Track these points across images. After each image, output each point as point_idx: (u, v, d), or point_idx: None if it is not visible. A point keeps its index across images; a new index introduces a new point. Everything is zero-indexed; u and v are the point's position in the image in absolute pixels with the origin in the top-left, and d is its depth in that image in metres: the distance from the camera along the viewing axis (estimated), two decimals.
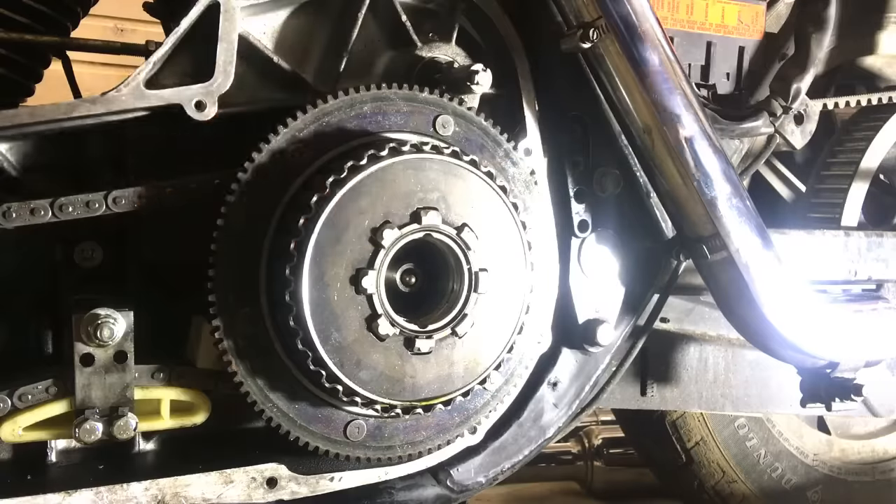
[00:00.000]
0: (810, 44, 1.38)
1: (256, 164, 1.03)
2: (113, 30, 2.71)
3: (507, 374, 1.21)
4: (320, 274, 0.99)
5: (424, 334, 1.06)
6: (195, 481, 1.08)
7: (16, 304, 1.13)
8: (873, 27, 1.63)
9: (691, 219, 1.27)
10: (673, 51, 1.23)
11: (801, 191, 1.75)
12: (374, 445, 1.14)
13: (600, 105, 1.30)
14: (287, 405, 1.08)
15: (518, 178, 1.20)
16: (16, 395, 1.00)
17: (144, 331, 1.07)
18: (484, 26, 1.27)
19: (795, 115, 1.43)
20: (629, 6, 1.19)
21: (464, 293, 1.08)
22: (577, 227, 1.31)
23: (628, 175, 1.34)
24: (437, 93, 1.13)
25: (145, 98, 1.03)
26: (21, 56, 1.14)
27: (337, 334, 1.01)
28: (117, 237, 1.15)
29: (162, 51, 1.04)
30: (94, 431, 1.00)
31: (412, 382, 1.06)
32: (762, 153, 1.52)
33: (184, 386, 1.09)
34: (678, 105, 1.21)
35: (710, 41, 1.43)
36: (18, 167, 1.09)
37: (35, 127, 1.01)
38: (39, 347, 1.14)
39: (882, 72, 1.75)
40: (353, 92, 1.08)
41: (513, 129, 1.26)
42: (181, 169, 1.10)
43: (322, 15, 1.18)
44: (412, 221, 1.04)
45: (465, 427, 1.20)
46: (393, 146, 1.03)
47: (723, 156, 1.25)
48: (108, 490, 1.03)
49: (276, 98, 1.14)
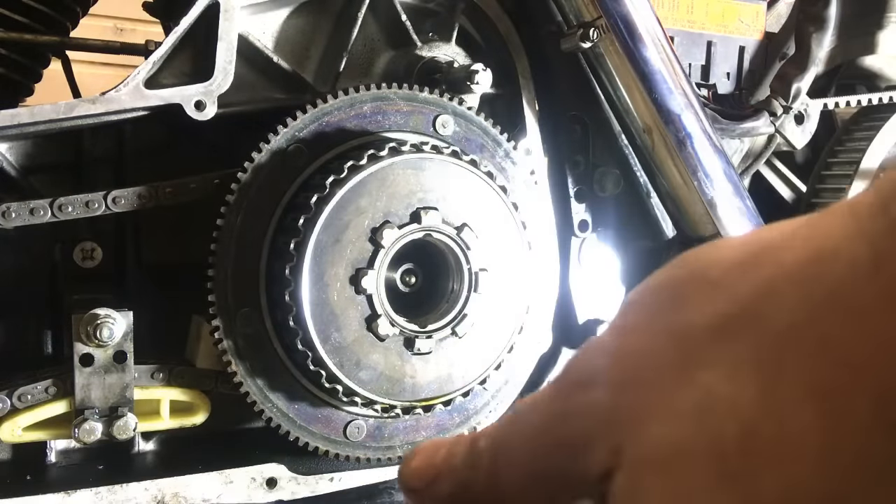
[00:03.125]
0: (810, 43, 1.38)
1: (256, 164, 1.03)
2: (112, 30, 2.70)
3: (507, 374, 1.21)
4: (320, 274, 0.99)
5: (424, 334, 1.06)
6: (195, 481, 1.08)
7: (15, 304, 1.13)
8: (873, 27, 1.63)
9: (692, 219, 1.27)
10: (673, 51, 1.23)
11: (802, 191, 1.75)
12: (373, 446, 1.14)
13: (600, 105, 1.30)
14: (287, 405, 1.07)
15: (518, 177, 1.20)
16: (15, 395, 1.00)
17: (144, 331, 1.07)
18: (484, 26, 1.27)
19: (796, 114, 1.43)
20: (629, 6, 1.19)
21: (464, 293, 1.08)
22: (577, 227, 1.31)
23: (628, 175, 1.34)
24: (437, 92, 1.13)
25: (145, 98, 1.03)
26: (20, 56, 1.14)
27: (337, 334, 1.01)
28: (117, 237, 1.15)
29: (161, 51, 1.04)
30: (93, 432, 0.99)
31: (412, 382, 1.06)
32: (762, 153, 1.52)
33: (183, 386, 1.09)
34: (678, 105, 1.21)
35: (711, 41, 1.43)
36: (18, 167, 1.09)
37: (35, 127, 1.01)
38: (39, 347, 1.14)
39: (882, 72, 1.75)
40: (353, 92, 1.08)
41: (513, 129, 1.26)
42: (181, 169, 1.10)
43: (322, 15, 1.18)
44: (412, 221, 1.03)
45: (464, 427, 1.20)
46: (393, 146, 1.03)
47: (723, 155, 1.25)
48: (108, 490, 1.03)
49: (276, 98, 1.14)
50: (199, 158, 1.15)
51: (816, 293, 0.26)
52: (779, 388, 0.26)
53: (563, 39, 1.24)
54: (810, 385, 0.25)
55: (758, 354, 0.27)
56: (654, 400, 0.29)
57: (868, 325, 0.24)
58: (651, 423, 0.29)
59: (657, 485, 0.28)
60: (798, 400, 0.25)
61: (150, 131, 1.15)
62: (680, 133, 1.22)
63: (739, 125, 1.37)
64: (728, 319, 0.29)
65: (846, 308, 0.25)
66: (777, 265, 0.28)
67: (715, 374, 0.28)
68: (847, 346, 0.25)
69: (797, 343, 0.26)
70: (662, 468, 0.28)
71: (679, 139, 1.22)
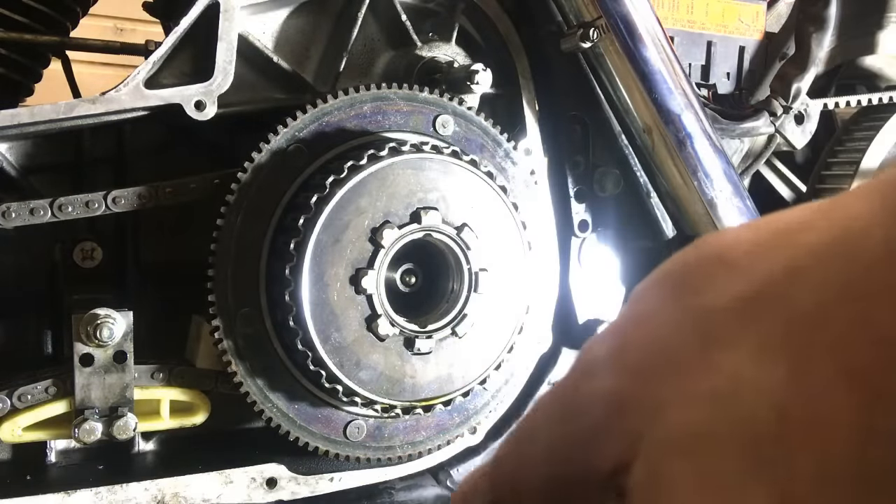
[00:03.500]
0: (811, 43, 1.38)
1: (256, 164, 1.03)
2: (112, 30, 2.70)
3: (507, 374, 1.21)
4: (320, 274, 0.99)
5: (424, 334, 1.06)
6: (195, 481, 1.08)
7: (15, 304, 1.13)
8: (873, 27, 1.63)
9: (692, 219, 1.27)
10: (673, 51, 1.23)
11: (802, 191, 1.75)
12: (373, 446, 1.14)
13: (600, 105, 1.30)
14: (287, 405, 1.07)
15: (518, 177, 1.20)
16: (15, 395, 1.00)
17: (144, 331, 1.07)
18: (484, 26, 1.27)
19: (796, 114, 1.43)
20: (629, 6, 1.19)
21: (464, 293, 1.08)
22: (577, 227, 1.31)
23: (628, 175, 1.34)
24: (437, 92, 1.13)
25: (145, 98, 1.03)
26: (20, 56, 1.14)
27: (337, 334, 1.01)
28: (117, 237, 1.15)
29: (161, 51, 1.04)
30: (93, 432, 0.99)
31: (412, 382, 1.06)
32: (762, 153, 1.52)
33: (183, 386, 1.09)
34: (678, 105, 1.21)
35: (711, 41, 1.43)
36: (18, 167, 1.09)
37: (35, 127, 1.01)
38: (39, 347, 1.14)
39: (882, 72, 1.75)
40: (353, 92, 1.08)
41: (513, 129, 1.26)
42: (181, 169, 1.10)
43: (322, 15, 1.18)
44: (412, 221, 1.03)
45: (464, 427, 1.20)
46: (393, 146, 1.03)
47: (723, 155, 1.25)
48: (108, 490, 1.03)
49: (276, 98, 1.14)
50: (199, 158, 1.15)
51: (849, 272, 0.26)
52: (810, 368, 0.25)
53: (563, 39, 1.24)
54: (843, 364, 0.25)
55: (785, 334, 0.26)
56: (673, 385, 0.28)
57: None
58: (671, 408, 0.28)
59: (684, 470, 0.27)
60: (831, 379, 0.25)
61: (150, 131, 1.15)
62: (680, 133, 1.22)
63: (739, 125, 1.37)
64: (750, 300, 0.28)
65: (883, 286, 0.24)
66: (800, 246, 0.28)
67: (739, 356, 0.27)
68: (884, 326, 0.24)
69: (827, 322, 0.25)
70: (688, 453, 0.27)
71: (679, 139, 1.22)
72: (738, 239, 0.31)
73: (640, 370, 0.30)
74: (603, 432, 0.30)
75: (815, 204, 0.30)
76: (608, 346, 0.33)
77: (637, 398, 0.30)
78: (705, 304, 0.29)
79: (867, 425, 0.24)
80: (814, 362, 0.25)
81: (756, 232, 0.30)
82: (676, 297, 0.31)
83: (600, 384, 0.31)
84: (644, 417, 0.29)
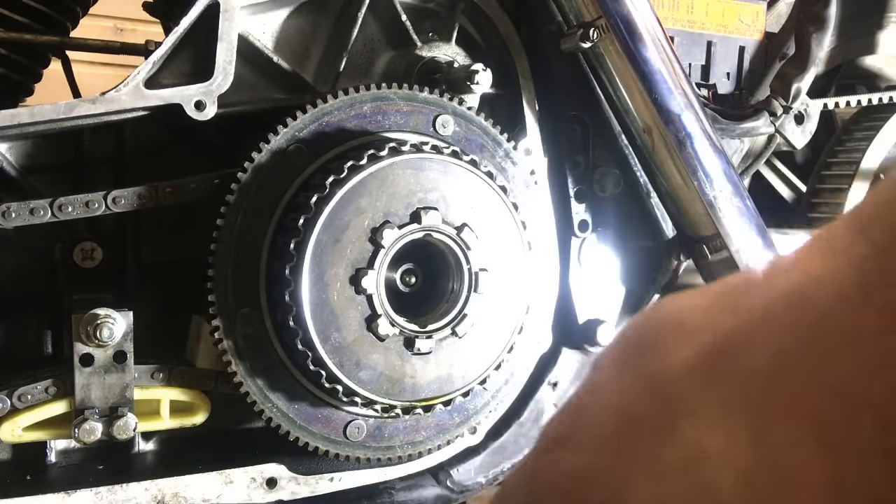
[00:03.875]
0: (810, 43, 1.38)
1: (256, 164, 1.03)
2: (112, 30, 2.70)
3: (507, 374, 1.21)
4: (320, 274, 0.99)
5: (424, 334, 1.06)
6: (195, 481, 1.08)
7: (15, 304, 1.13)
8: (873, 27, 1.63)
9: (692, 219, 1.27)
10: (673, 51, 1.23)
11: (802, 191, 1.75)
12: (373, 446, 1.14)
13: (600, 105, 1.30)
14: (287, 405, 1.07)
15: (518, 177, 1.20)
16: (15, 395, 1.00)
17: (144, 331, 1.07)
18: (484, 26, 1.27)
19: (796, 114, 1.43)
20: (629, 6, 1.19)
21: (464, 293, 1.08)
22: (577, 227, 1.31)
23: (628, 175, 1.34)
24: (437, 93, 1.13)
25: (145, 98, 1.03)
26: (20, 56, 1.14)
27: (337, 334, 1.01)
28: (117, 237, 1.15)
29: (161, 51, 1.04)
30: (93, 432, 0.99)
31: (412, 382, 1.06)
32: (762, 153, 1.52)
33: (183, 386, 1.09)
34: (678, 105, 1.21)
35: (711, 41, 1.43)
36: (18, 167, 1.09)
37: (35, 127, 1.01)
38: (39, 347, 1.14)
39: (882, 72, 1.75)
40: (353, 92, 1.08)
41: (513, 129, 1.26)
42: (181, 169, 1.10)
43: (322, 15, 1.18)
44: (412, 221, 1.03)
45: (464, 427, 1.20)
46: (393, 146, 1.03)
47: (723, 155, 1.25)
48: (108, 490, 1.03)
49: (276, 98, 1.14)
50: (199, 158, 1.15)
51: (803, 322, 0.25)
52: (771, 426, 0.24)
53: (563, 39, 1.24)
54: (805, 417, 0.24)
55: (744, 394, 0.25)
56: (638, 457, 0.27)
57: (865, 350, 0.23)
58: (637, 482, 0.27)
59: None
60: (794, 436, 0.24)
61: (150, 131, 1.15)
62: (680, 133, 1.22)
63: (739, 125, 1.37)
64: (707, 364, 0.27)
65: (838, 335, 0.24)
66: (757, 301, 0.27)
67: (699, 423, 0.26)
68: (843, 373, 0.23)
69: (785, 375, 0.24)
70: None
71: (679, 139, 1.22)
72: (691, 303, 0.30)
73: (604, 443, 0.29)
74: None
75: (768, 262, 0.29)
76: (571, 421, 0.32)
77: (602, 472, 0.29)
78: (664, 370, 0.29)
79: (838, 481, 0.23)
80: (775, 419, 0.24)
81: (709, 295, 0.30)
82: (634, 366, 0.30)
83: (565, 461, 0.30)
84: (611, 492, 0.28)
